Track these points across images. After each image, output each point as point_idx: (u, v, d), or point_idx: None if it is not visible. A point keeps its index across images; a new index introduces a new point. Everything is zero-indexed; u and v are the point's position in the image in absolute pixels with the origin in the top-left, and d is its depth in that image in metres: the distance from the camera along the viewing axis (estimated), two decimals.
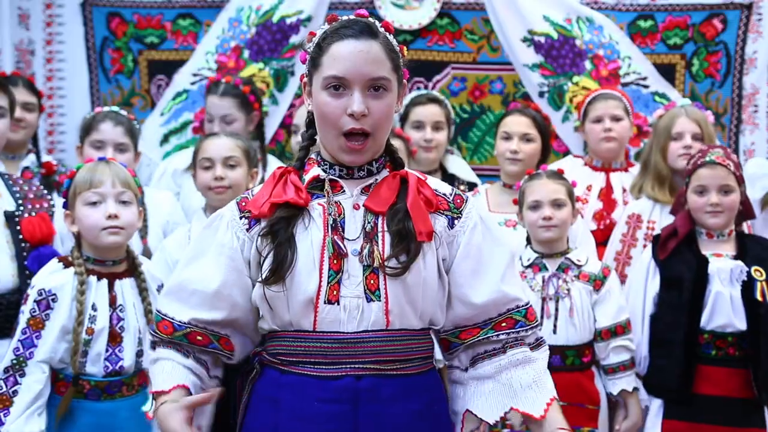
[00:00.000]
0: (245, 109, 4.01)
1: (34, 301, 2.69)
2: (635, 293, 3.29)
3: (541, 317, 3.17)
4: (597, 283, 3.23)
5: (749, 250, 3.20)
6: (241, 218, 1.93)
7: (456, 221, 1.94)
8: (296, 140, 3.84)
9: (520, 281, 2.01)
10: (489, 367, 1.93)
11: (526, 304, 1.97)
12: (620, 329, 3.21)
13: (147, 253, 3.40)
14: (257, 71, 4.37)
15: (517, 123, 3.77)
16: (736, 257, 3.18)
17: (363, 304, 1.86)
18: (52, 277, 2.74)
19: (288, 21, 4.36)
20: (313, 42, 1.93)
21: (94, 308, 2.74)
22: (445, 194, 1.97)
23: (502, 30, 4.32)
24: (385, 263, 1.86)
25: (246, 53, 4.37)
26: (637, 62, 4.28)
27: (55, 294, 2.70)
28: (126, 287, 2.82)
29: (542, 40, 4.29)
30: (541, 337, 1.99)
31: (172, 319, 1.94)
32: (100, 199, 2.76)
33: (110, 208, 2.76)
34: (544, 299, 3.21)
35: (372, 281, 1.86)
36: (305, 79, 1.97)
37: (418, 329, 1.92)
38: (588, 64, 4.29)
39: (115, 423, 2.73)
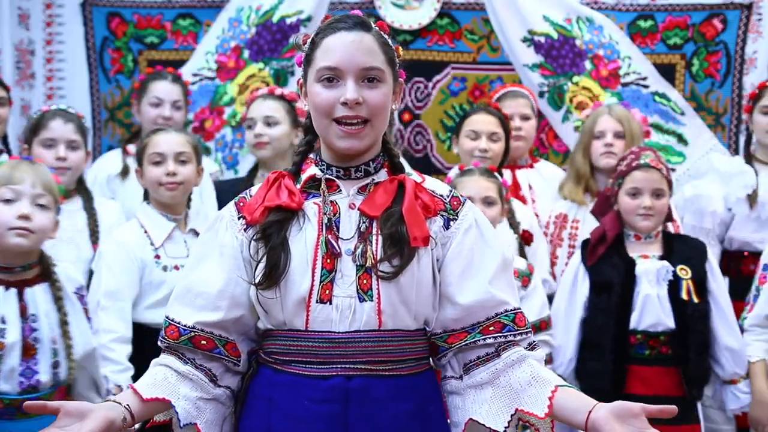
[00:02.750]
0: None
1: None
2: (561, 297, 3.32)
3: None
4: (525, 279, 3.26)
5: (675, 249, 3.23)
6: (239, 218, 1.92)
7: (452, 222, 1.93)
8: (253, 133, 3.78)
9: (511, 286, 1.96)
10: (485, 373, 1.89)
11: (515, 309, 1.92)
12: (544, 324, 3.25)
13: None
14: (257, 71, 4.37)
15: (484, 122, 3.74)
16: (662, 257, 3.20)
17: (355, 304, 1.85)
18: None
19: (288, 21, 4.36)
20: (308, 40, 1.93)
21: (3, 321, 2.52)
22: (442, 195, 1.96)
23: (502, 30, 4.32)
24: (378, 265, 1.85)
25: (246, 53, 4.38)
26: (637, 62, 4.28)
27: None
28: (38, 295, 2.60)
29: (542, 40, 4.29)
30: (535, 341, 1.95)
31: (178, 323, 1.91)
32: (15, 196, 2.56)
33: (23, 207, 2.55)
34: None
35: (365, 281, 1.85)
36: (301, 82, 1.97)
37: (413, 330, 1.91)
38: (588, 64, 4.29)
39: None
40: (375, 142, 1.93)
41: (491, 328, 1.90)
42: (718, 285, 3.24)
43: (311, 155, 1.99)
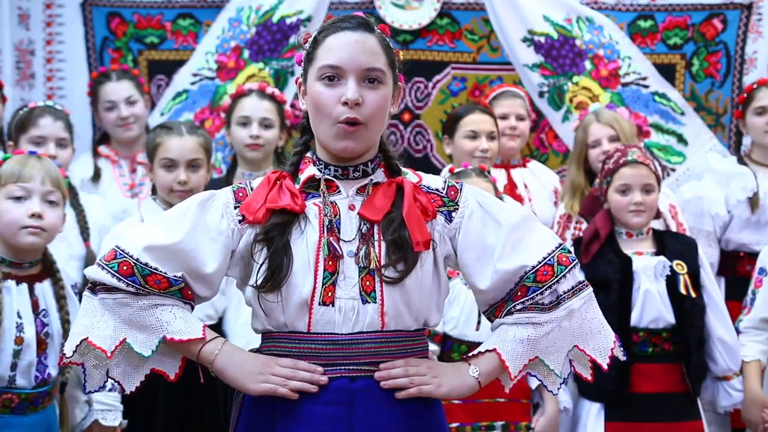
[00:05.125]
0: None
1: None
2: None
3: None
4: None
5: (668, 245, 3.24)
6: (235, 207, 1.91)
7: (454, 214, 1.93)
8: (248, 133, 3.78)
9: (529, 242, 1.93)
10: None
11: (534, 267, 1.91)
12: None
13: (91, 257, 3.26)
14: (257, 71, 4.36)
15: (483, 121, 3.80)
16: (656, 254, 3.21)
17: (358, 306, 1.85)
18: None
19: (288, 21, 4.36)
20: (310, 39, 1.93)
21: (18, 315, 2.51)
22: (437, 190, 1.96)
23: (502, 30, 4.32)
24: (383, 271, 1.85)
25: (246, 53, 4.37)
26: (637, 62, 4.28)
27: None
28: (46, 290, 2.61)
29: (542, 40, 4.29)
30: (563, 294, 1.95)
31: (165, 274, 1.85)
32: (26, 194, 2.55)
33: (35, 206, 2.55)
34: None
35: (368, 283, 1.86)
36: (300, 80, 1.97)
37: (413, 330, 1.91)
38: (588, 64, 4.29)
39: None
40: (371, 144, 1.93)
41: (519, 294, 1.92)
42: (710, 280, 3.26)
43: (308, 154, 1.99)
